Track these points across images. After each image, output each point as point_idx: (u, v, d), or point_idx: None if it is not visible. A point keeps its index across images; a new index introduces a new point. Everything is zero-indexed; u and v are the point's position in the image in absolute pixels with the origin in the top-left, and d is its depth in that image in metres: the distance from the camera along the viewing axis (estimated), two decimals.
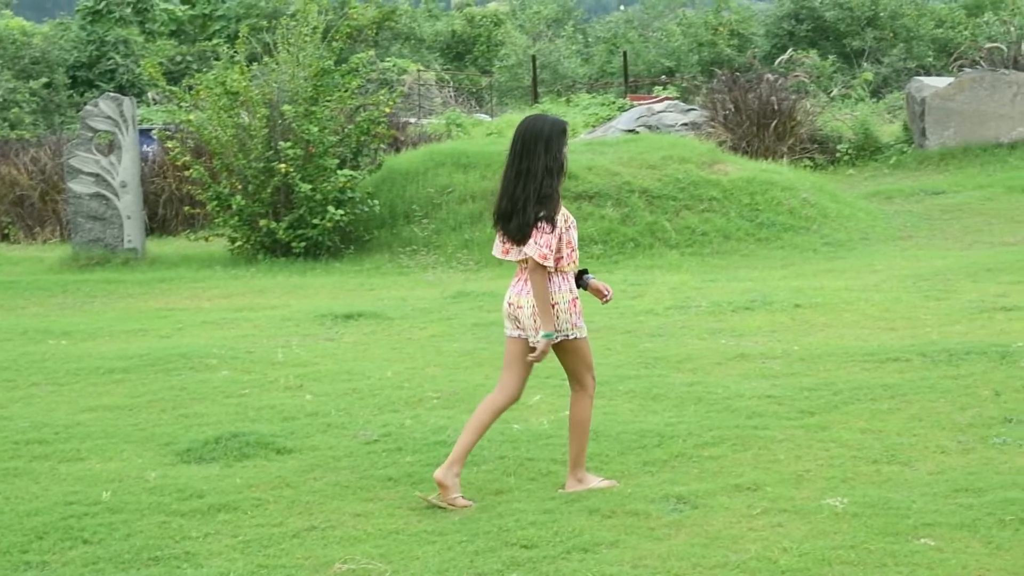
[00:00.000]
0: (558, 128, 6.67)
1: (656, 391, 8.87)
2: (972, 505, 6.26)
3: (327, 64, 17.94)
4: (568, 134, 6.72)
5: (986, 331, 10.38)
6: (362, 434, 7.97)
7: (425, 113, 32.80)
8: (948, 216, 18.39)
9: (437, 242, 17.09)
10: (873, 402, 8.31)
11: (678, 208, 17.32)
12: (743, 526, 6.18)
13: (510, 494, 6.77)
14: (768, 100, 23.49)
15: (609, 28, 50.71)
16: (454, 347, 10.77)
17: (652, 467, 7.18)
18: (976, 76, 22.96)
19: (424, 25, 51.04)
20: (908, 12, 44.82)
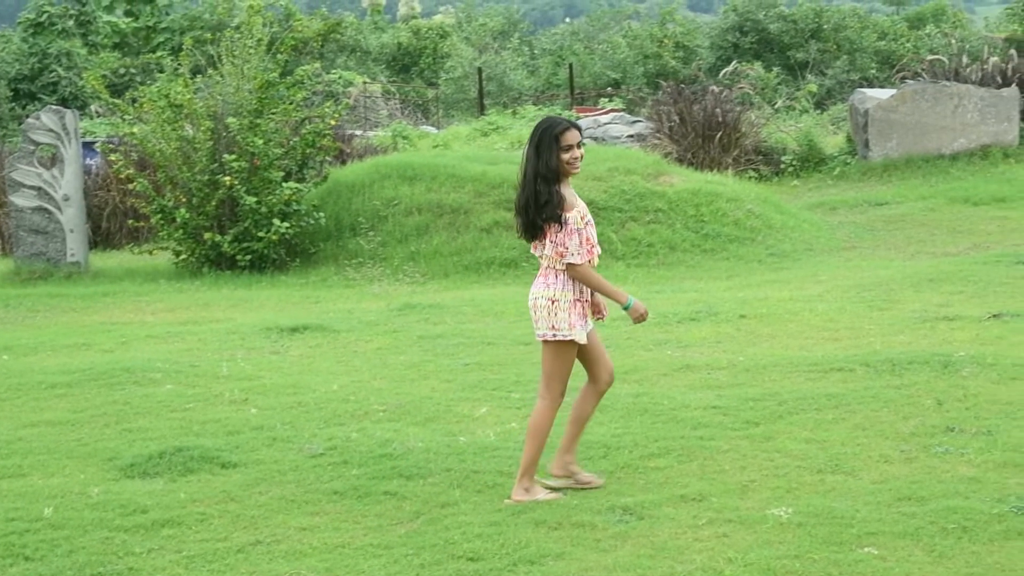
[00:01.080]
0: (549, 133, 6.73)
1: (603, 403, 8.82)
2: (915, 514, 6.30)
3: (272, 76, 17.88)
4: (563, 137, 6.71)
5: (929, 341, 10.46)
6: (307, 448, 7.94)
7: (371, 125, 32.74)
8: (891, 227, 18.53)
9: (383, 254, 17.06)
10: (817, 412, 8.35)
11: (624, 220, 17.36)
12: (689, 537, 6.20)
13: (456, 507, 6.76)
14: (713, 112, 23.59)
15: (555, 40, 50.86)
16: (400, 360, 10.75)
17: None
18: (918, 88, 23.16)
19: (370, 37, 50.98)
20: (851, 25, 45.22)
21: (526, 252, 16.58)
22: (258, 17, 18.45)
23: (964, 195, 19.95)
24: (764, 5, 44.91)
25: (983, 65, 25.08)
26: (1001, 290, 12.89)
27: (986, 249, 16.17)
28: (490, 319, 12.71)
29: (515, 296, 14.03)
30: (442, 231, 17.14)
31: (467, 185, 17.82)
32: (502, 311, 13.06)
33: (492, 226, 17.09)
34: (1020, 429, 7.72)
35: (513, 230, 16.80)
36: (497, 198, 17.52)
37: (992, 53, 26.82)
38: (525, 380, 9.65)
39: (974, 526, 6.10)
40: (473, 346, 11.19)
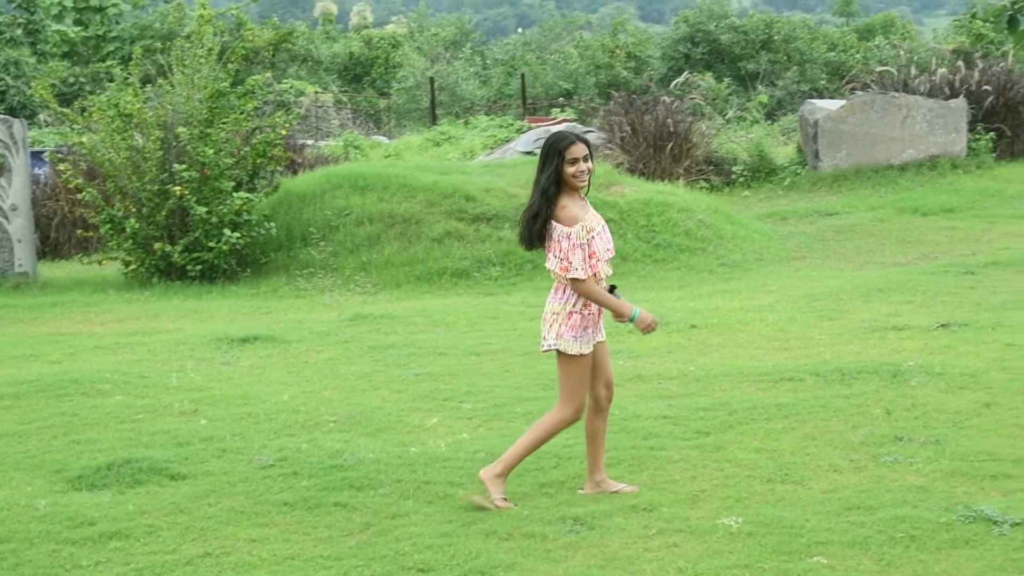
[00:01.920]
0: (555, 147, 6.83)
1: None
2: (864, 523, 6.33)
3: (223, 86, 17.80)
4: (568, 150, 6.81)
5: (878, 350, 10.53)
6: (257, 459, 7.90)
7: (323, 135, 32.64)
8: (841, 237, 18.65)
9: (334, 265, 17.01)
10: (767, 422, 8.39)
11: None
12: (639, 547, 6.20)
13: (407, 518, 6.74)
14: (664, 122, 23.68)
15: (507, 50, 50.90)
16: (351, 370, 10.71)
17: (549, 489, 7.19)
18: (867, 99, 23.33)
19: (322, 47, 50.84)
20: (801, 36, 45.49)
21: (478, 262, 16.61)
22: (208, 26, 18.37)
23: (913, 205, 20.10)
24: (715, 16, 45.12)
25: (931, 76, 25.31)
26: (949, 300, 13.00)
27: (934, 259, 16.29)
28: (442, 329, 12.70)
29: (467, 306, 14.03)
30: (393, 241, 17.11)
31: (419, 195, 17.80)
32: (454, 321, 13.05)
33: (444, 236, 17.07)
34: (968, 438, 7.78)
35: (465, 240, 16.93)
36: (449, 208, 17.51)
37: (940, 64, 27.06)
38: (476, 391, 9.65)
39: (922, 535, 6.14)
40: (424, 356, 11.17)
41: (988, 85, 24.05)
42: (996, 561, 5.83)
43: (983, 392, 8.91)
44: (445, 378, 10.21)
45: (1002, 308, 12.31)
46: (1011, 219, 18.76)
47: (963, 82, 24.38)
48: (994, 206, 19.93)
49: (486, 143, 28.22)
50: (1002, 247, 16.55)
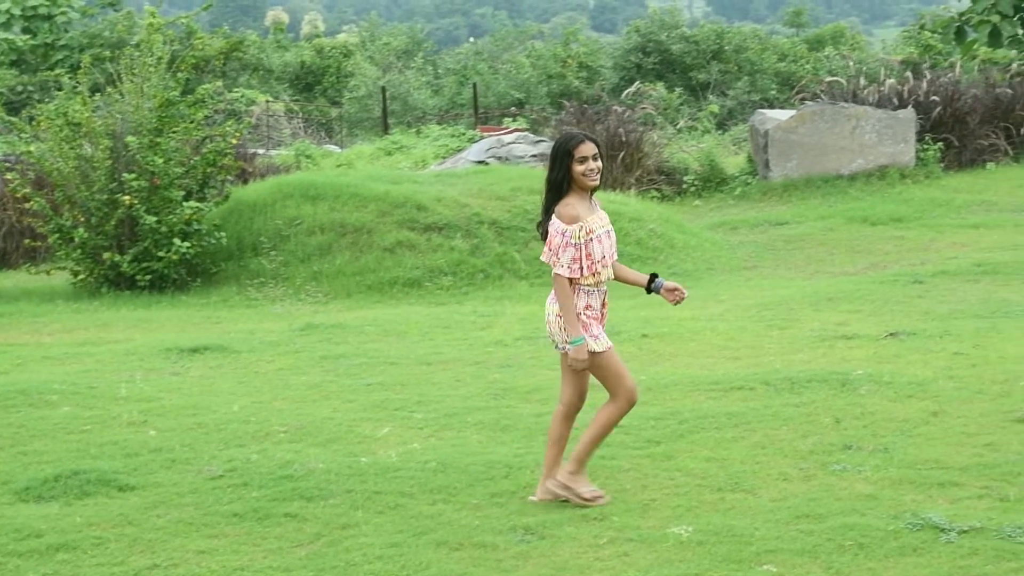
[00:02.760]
0: (563, 147, 6.97)
1: (505, 422, 8.89)
2: (813, 531, 6.37)
3: (172, 95, 17.71)
4: (577, 149, 6.93)
5: (827, 359, 10.59)
6: (207, 469, 7.86)
7: (274, 144, 32.54)
8: (791, 246, 18.74)
9: (285, 274, 16.94)
10: (718, 431, 8.42)
11: (527, 239, 17.39)
12: (590, 556, 6.21)
13: (357, 528, 6.72)
14: (616, 132, 23.73)
15: (459, 60, 50.89)
16: (302, 380, 10.67)
17: (500, 498, 7.18)
18: (817, 109, 23.46)
19: (273, 56, 50.66)
20: (752, 46, 45.73)
21: (430, 272, 16.59)
22: (158, 35, 18.29)
23: (862, 215, 20.22)
24: (666, 26, 45.29)
25: (880, 87, 25.48)
26: (898, 309, 13.08)
27: (883, 268, 16.40)
28: (393, 339, 12.67)
29: (418, 316, 14.00)
30: (345, 251, 17.07)
31: (370, 204, 17.77)
32: (405, 331, 13.03)
33: (395, 246, 17.04)
34: (916, 446, 7.83)
35: (416, 250, 16.92)
36: (400, 217, 17.48)
37: (889, 75, 27.26)
38: (428, 400, 9.63)
39: (871, 543, 6.18)
40: (376, 366, 11.15)
41: (936, 96, 24.23)
42: (943, 569, 5.88)
43: (931, 401, 8.98)
44: (396, 388, 10.19)
45: (950, 317, 12.41)
46: (959, 229, 18.90)
47: (911, 93, 24.56)
48: (942, 216, 20.08)
49: (438, 152, 28.20)
50: (950, 256, 16.67)
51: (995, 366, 10.01)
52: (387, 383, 10.38)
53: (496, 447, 8.24)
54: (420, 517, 6.86)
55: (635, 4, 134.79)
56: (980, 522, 6.39)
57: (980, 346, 10.80)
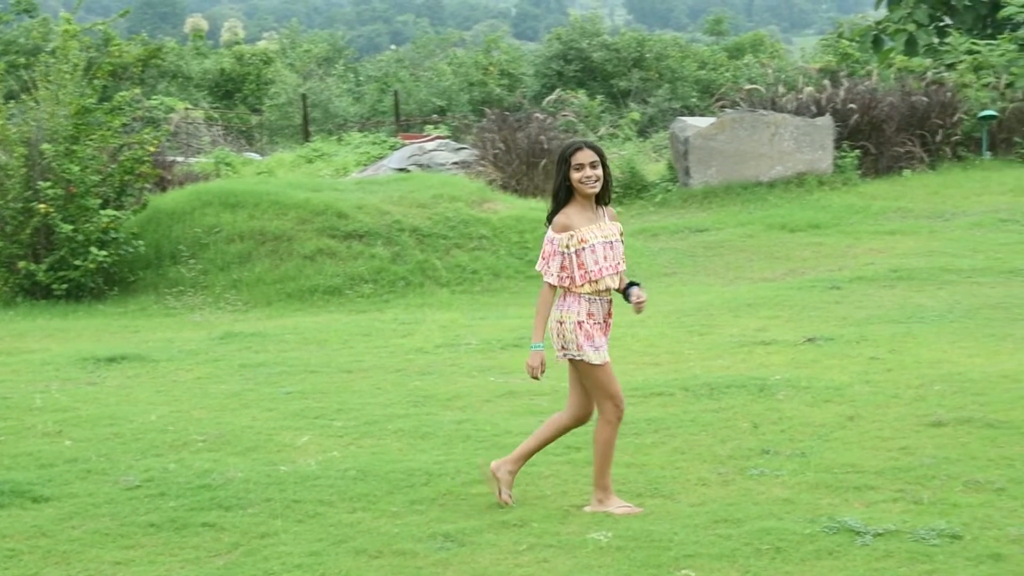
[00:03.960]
0: (561, 157, 6.99)
1: (425, 429, 8.87)
2: (731, 535, 6.41)
3: (89, 102, 17.54)
4: (574, 156, 6.92)
5: (746, 365, 10.66)
6: (123, 480, 7.77)
7: (193, 152, 32.30)
8: (711, 253, 18.86)
9: (204, 283, 16.81)
10: (637, 436, 8.45)
11: (448, 246, 17.39)
12: (509, 562, 6.21)
13: (276, 537, 6.68)
14: (537, 139, 23.78)
15: (380, 67, 50.82)
16: (221, 389, 10.59)
17: (420, 506, 7.16)
18: (736, 116, 23.63)
19: (192, 63, 50.33)
20: (673, 54, 46.05)
21: (350, 280, 16.54)
22: (74, 42, 18.10)
23: (781, 222, 20.39)
24: (588, 34, 45.52)
25: (799, 95, 25.71)
26: (815, 314, 13.20)
27: (801, 274, 16.54)
28: (313, 347, 12.61)
29: (339, 324, 13.95)
30: (265, 259, 16.97)
31: (290, 212, 17.68)
32: (325, 339, 12.97)
33: (316, 253, 16.98)
34: (832, 451, 7.91)
35: (337, 257, 16.84)
36: (321, 225, 17.41)
37: (807, 83, 27.52)
38: (348, 408, 9.59)
39: (787, 546, 6.23)
40: (295, 374, 11.09)
41: (853, 103, 24.48)
42: (859, 571, 5.94)
43: (847, 405, 9.07)
44: (316, 396, 10.14)
45: (867, 322, 12.54)
46: (876, 235, 19.11)
47: (829, 100, 24.79)
48: (859, 222, 20.27)
49: (359, 160, 28.15)
50: (867, 262, 16.84)
51: (910, 371, 10.13)
52: (307, 391, 10.32)
53: (416, 454, 8.22)
54: (339, 525, 6.83)
55: (556, 12, 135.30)
56: (895, 525, 6.46)
57: (896, 351, 10.93)
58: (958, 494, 6.99)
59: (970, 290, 14.28)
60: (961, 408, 8.79)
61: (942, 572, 5.89)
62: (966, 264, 15.85)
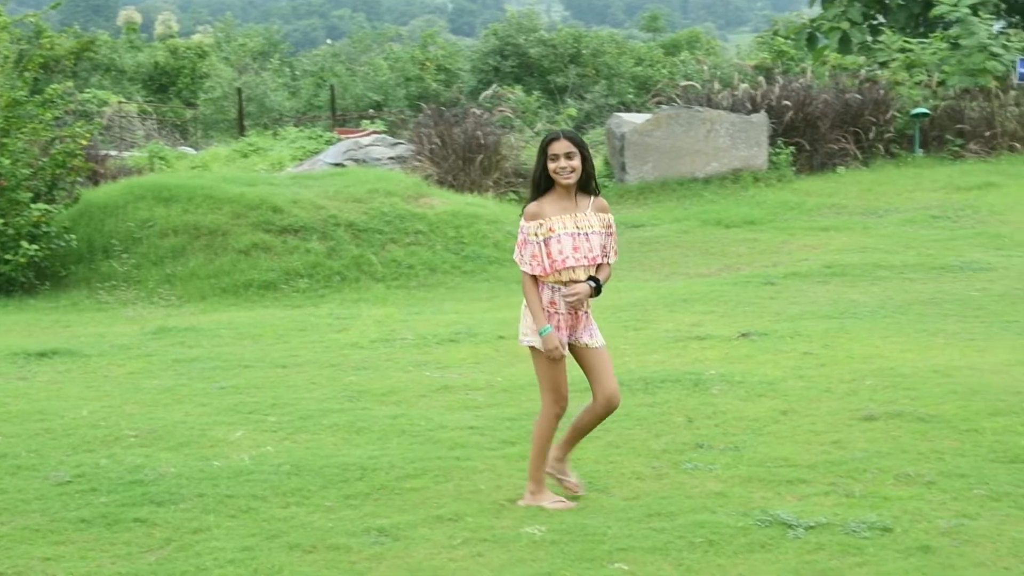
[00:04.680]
0: (541, 146, 6.96)
1: (360, 424, 8.84)
2: (664, 529, 6.43)
3: (20, 95, 17.35)
4: (550, 146, 6.90)
5: (681, 360, 10.70)
6: (54, 475, 7.69)
7: (127, 146, 32.04)
8: (647, 248, 18.92)
9: (137, 277, 16.67)
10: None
11: (384, 241, 17.35)
12: (444, 557, 6.20)
13: (209, 532, 6.63)
14: (474, 134, 23.76)
15: (316, 62, 50.62)
16: (154, 384, 10.51)
17: (354, 500, 7.14)
18: (672, 113, 23.74)
19: (125, 56, 49.93)
20: (610, 50, 46.17)
21: (285, 275, 16.46)
22: (4, 33, 17.92)
23: (716, 218, 20.50)
24: (524, 30, 45.55)
25: (734, 91, 25.87)
26: (750, 310, 13.28)
27: (736, 270, 16.63)
28: (248, 342, 12.54)
29: (273, 319, 13.88)
30: (199, 253, 16.85)
31: (225, 207, 17.57)
32: (260, 334, 12.90)
33: (251, 248, 16.88)
34: (765, 445, 7.95)
35: (272, 252, 16.75)
36: (256, 220, 17.32)
37: (743, 80, 27.68)
38: (282, 403, 9.55)
39: (720, 540, 6.26)
40: (229, 369, 11.02)
41: (788, 100, 24.65)
42: (791, 564, 5.97)
43: (781, 400, 9.12)
44: (250, 391, 10.08)
45: (800, 318, 12.62)
46: (810, 231, 19.24)
47: (764, 97, 24.96)
48: (794, 218, 20.42)
49: (295, 155, 28.00)
50: (801, 258, 16.96)
51: (843, 365, 10.21)
52: (241, 386, 10.26)
53: (351, 449, 8.19)
54: (273, 520, 6.79)
55: (493, 7, 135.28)
56: (826, 518, 6.50)
57: (829, 346, 11.01)
58: (889, 487, 7.05)
59: (902, 286, 14.41)
60: (892, 402, 8.87)
61: (872, 564, 5.94)
62: (898, 260, 16.00)
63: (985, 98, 26.04)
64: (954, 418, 8.39)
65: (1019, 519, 6.51)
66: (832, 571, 5.88)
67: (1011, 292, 13.67)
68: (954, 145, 25.22)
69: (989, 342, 11.19)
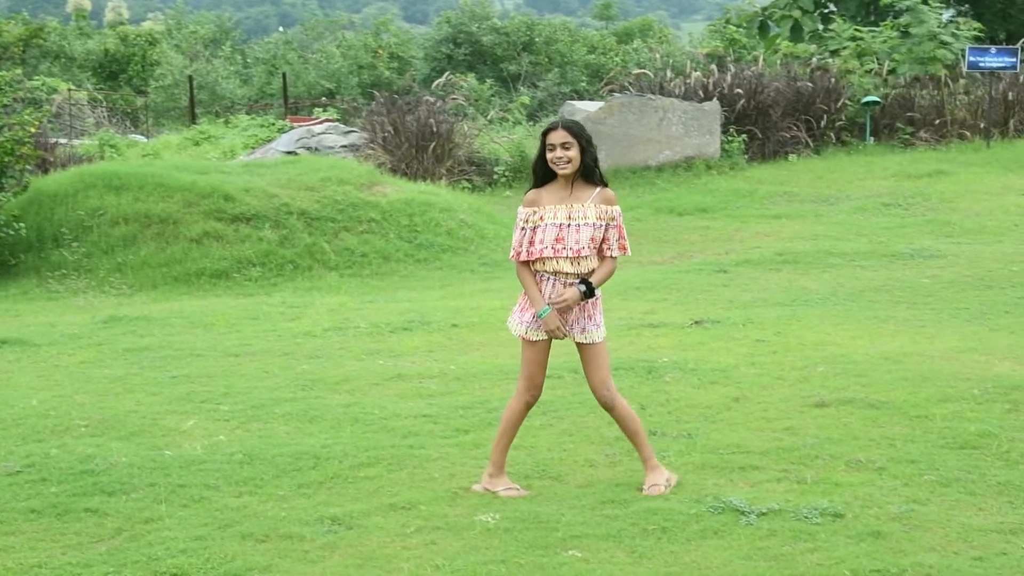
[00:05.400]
0: (542, 135, 6.93)
1: (313, 413, 8.82)
2: (618, 516, 6.45)
3: None
4: (547, 136, 6.89)
5: (634, 347, 10.73)
6: (4, 466, 7.62)
7: (77, 134, 31.79)
8: None
9: (88, 266, 16.55)
10: (526, 418, 8.43)
11: (337, 230, 17.29)
12: (397, 545, 6.20)
13: (160, 522, 6.60)
14: (427, 122, 23.71)
15: (268, 49, 50.40)
16: (105, 373, 10.44)
17: (307, 489, 7.12)
18: (625, 101, 23.77)
19: (75, 43, 49.55)
20: (562, 38, 46.18)
21: (237, 263, 16.38)
22: None
23: (669, 205, 20.55)
24: (477, 18, 45.49)
25: (686, 80, 25.93)
26: (703, 297, 13.33)
27: (689, 258, 16.68)
28: (200, 331, 12.48)
29: (226, 307, 13.82)
30: (150, 242, 16.75)
31: (176, 195, 17.46)
32: (212, 323, 12.84)
33: (202, 236, 16.78)
34: (718, 432, 7.99)
35: (224, 240, 16.67)
36: (207, 208, 17.21)
37: (695, 68, 27.74)
38: (235, 392, 9.51)
39: (673, 526, 6.28)
40: (181, 358, 10.96)
41: (740, 89, 24.74)
42: (743, 550, 6.00)
43: (733, 387, 9.17)
44: (202, 380, 10.03)
45: (752, 305, 12.68)
46: (762, 219, 19.34)
47: (716, 85, 25.04)
48: (746, 206, 20.51)
49: (247, 143, 27.86)
50: (753, 246, 17.04)
51: (795, 353, 10.27)
52: (193, 375, 10.21)
53: (303, 438, 8.17)
54: (225, 509, 6.77)
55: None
56: (778, 504, 6.54)
57: (781, 333, 11.07)
58: (840, 473, 7.10)
59: (853, 273, 14.50)
60: (844, 389, 8.93)
61: (824, 550, 5.98)
62: (850, 248, 16.10)
63: (935, 86, 26.24)
64: (904, 404, 8.45)
65: (968, 504, 6.58)
66: (784, 557, 5.92)
67: (960, 279, 13.78)
68: (904, 133, 25.39)
69: (939, 329, 11.28)
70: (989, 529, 6.22)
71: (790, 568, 5.79)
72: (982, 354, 10.04)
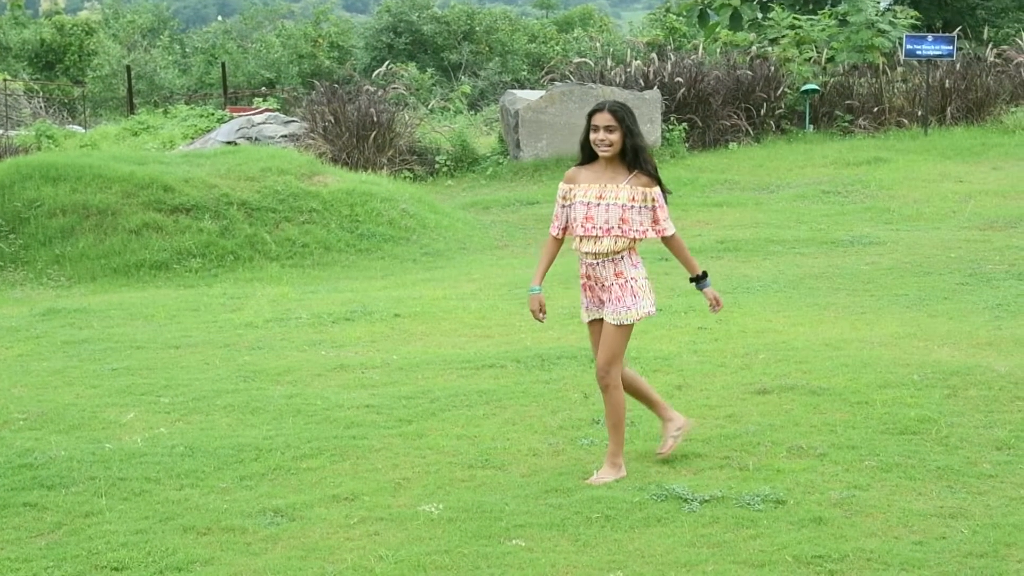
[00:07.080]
0: (588, 115, 7.06)
1: (255, 404, 8.77)
2: (561, 505, 6.46)
3: None
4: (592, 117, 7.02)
5: (576, 336, 10.73)
6: None
7: (13, 124, 31.47)
8: (542, 225, 18.91)
9: (25, 258, 16.36)
10: (469, 408, 8.46)
11: (278, 220, 17.20)
12: (340, 536, 6.18)
13: (101, 516, 6.54)
14: (367, 112, 23.64)
15: (207, 39, 50.11)
16: (43, 366, 10.34)
17: (249, 481, 7.08)
18: (566, 89, 23.77)
19: (10, 33, 49.03)
20: (503, 27, 46.17)
21: (178, 254, 16.26)
22: None
23: None
24: (417, 7, 45.40)
25: (627, 68, 25.98)
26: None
27: None
28: (140, 323, 12.38)
29: (166, 299, 13.71)
30: (88, 233, 16.58)
31: (114, 186, 17.29)
32: (152, 314, 12.74)
33: (142, 227, 16.63)
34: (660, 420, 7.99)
35: (163, 231, 16.54)
36: (147, 199, 17.06)
37: (635, 57, 27.80)
38: (175, 384, 9.44)
39: (616, 515, 6.30)
40: (121, 351, 10.87)
41: (680, 77, 24.81)
42: (686, 537, 6.02)
43: (675, 375, 9.20)
44: (143, 372, 9.95)
45: (694, 293, 12.63)
46: (703, 207, 19.39)
47: (657, 74, 25.10)
48: (687, 194, 20.54)
49: (186, 133, 27.69)
50: (695, 234, 17.08)
51: (736, 340, 10.31)
52: (133, 368, 10.13)
53: (245, 430, 8.13)
54: (166, 502, 6.72)
55: None
56: (721, 491, 6.57)
57: (722, 321, 11.10)
58: (782, 460, 7.14)
59: (794, 260, 14.58)
60: (785, 376, 8.98)
61: (766, 536, 6.01)
62: (790, 235, 16.18)
63: (873, 74, 26.41)
64: (845, 391, 8.51)
65: (909, 490, 6.63)
66: (727, 543, 5.94)
67: (900, 266, 13.88)
68: (843, 121, 25.55)
69: (879, 315, 11.37)
70: (929, 514, 6.28)
71: (733, 554, 5.82)
72: (921, 340, 10.13)
